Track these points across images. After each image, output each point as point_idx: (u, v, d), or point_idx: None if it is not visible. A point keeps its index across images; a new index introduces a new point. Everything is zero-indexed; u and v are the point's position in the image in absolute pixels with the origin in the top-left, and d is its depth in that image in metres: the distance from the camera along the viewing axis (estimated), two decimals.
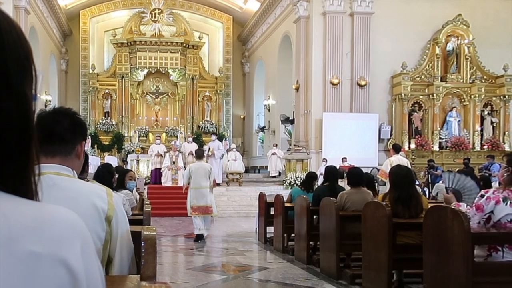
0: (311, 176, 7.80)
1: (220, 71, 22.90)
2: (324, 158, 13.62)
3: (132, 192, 5.62)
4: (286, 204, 7.45)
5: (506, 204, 3.14)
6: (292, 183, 14.06)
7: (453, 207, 3.46)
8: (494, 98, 15.99)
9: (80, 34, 22.89)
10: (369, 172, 13.81)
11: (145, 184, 15.58)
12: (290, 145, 17.52)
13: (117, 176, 5.07)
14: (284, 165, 16.39)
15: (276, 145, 18.66)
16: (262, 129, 22.08)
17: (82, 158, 1.74)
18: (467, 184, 3.89)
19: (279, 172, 17.32)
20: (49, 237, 0.60)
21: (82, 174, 3.07)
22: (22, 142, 0.63)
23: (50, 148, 1.64)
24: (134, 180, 5.87)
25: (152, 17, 21.69)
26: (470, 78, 15.85)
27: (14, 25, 0.64)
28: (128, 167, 17.03)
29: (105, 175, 4.49)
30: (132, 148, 20.01)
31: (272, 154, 17.81)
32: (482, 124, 16.05)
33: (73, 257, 0.61)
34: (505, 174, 3.21)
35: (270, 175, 17.66)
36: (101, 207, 1.62)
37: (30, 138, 0.64)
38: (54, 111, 1.72)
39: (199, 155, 9.08)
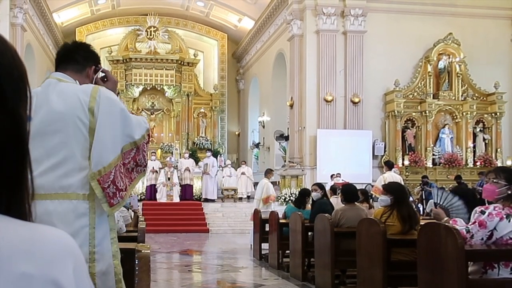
0: (304, 193, 7.86)
1: (215, 88, 23.08)
2: (338, 173, 13.48)
3: (128, 209, 5.66)
4: (281, 221, 7.49)
5: (509, 221, 3.16)
6: (287, 200, 14.13)
7: (446, 224, 3.47)
8: (485, 115, 16.19)
9: None
10: (364, 188, 13.97)
11: (139, 200, 15.59)
12: (285, 161, 17.60)
13: None
14: (252, 186, 15.61)
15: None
16: (257, 145, 22.18)
17: (92, 78, 2.21)
18: (455, 204, 3.91)
19: (248, 196, 16.28)
20: (41, 258, 0.59)
21: None
22: (16, 162, 0.63)
23: (64, 65, 2.14)
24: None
25: (147, 34, 21.91)
26: (461, 95, 16.07)
27: (9, 47, 0.64)
28: None
29: None
30: None
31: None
32: (474, 141, 16.21)
33: (65, 278, 0.60)
34: (509, 192, 3.22)
35: (238, 196, 16.47)
36: (83, 99, 1.98)
37: (24, 159, 0.64)
38: (73, 42, 2.31)
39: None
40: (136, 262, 2.68)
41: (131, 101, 21.90)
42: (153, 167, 16.36)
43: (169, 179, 15.81)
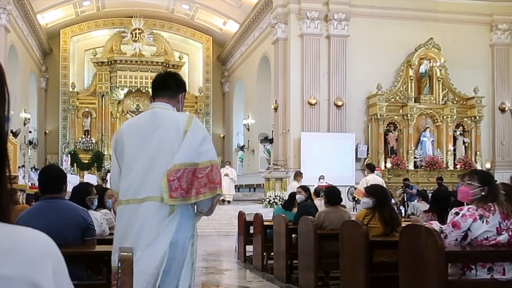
0: (294, 196, 7.78)
1: (200, 90, 23.16)
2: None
3: (111, 210, 5.62)
4: (265, 223, 7.51)
5: (483, 222, 3.22)
6: (271, 202, 14.27)
7: (427, 226, 3.53)
8: (465, 119, 16.52)
9: (60, 53, 22.93)
10: (346, 191, 14.17)
11: None
12: (269, 164, 17.75)
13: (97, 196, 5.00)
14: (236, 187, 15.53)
15: (229, 163, 18.12)
16: (242, 148, 22.31)
17: (182, 104, 2.75)
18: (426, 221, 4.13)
19: (228, 201, 15.99)
20: (21, 260, 0.58)
21: (61, 193, 3.26)
22: None
23: (161, 93, 2.67)
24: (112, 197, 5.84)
25: (132, 37, 21.92)
26: (442, 99, 16.39)
27: None
28: (108, 185, 17.03)
29: (77, 194, 4.29)
30: None
31: (225, 175, 15.60)
32: (454, 144, 16.52)
33: (45, 279, 0.59)
34: (482, 194, 3.30)
35: (221, 198, 16.37)
36: (181, 125, 2.52)
37: (3, 160, 0.64)
38: (166, 72, 2.94)
39: None
40: (119, 265, 2.75)
41: (116, 103, 21.88)
42: None
43: None
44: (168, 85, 2.68)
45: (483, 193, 3.30)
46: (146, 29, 22.05)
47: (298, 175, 11.15)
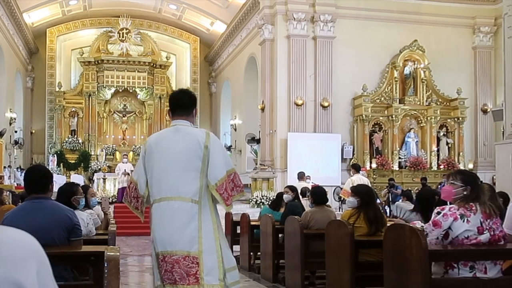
0: (281, 196, 7.84)
1: None
2: (307, 176, 13.69)
3: (92, 209, 5.53)
4: (252, 223, 7.53)
5: (463, 221, 3.25)
6: (258, 202, 14.35)
7: (411, 225, 3.58)
8: (449, 120, 16.76)
9: (47, 52, 22.78)
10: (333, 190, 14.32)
11: (111, 203, 15.58)
12: (256, 164, 17.85)
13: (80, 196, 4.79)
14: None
15: None
16: (229, 148, 22.37)
17: (195, 116, 3.26)
18: (413, 219, 4.22)
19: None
20: (4, 260, 0.59)
21: (47, 193, 3.22)
22: None
23: (179, 112, 3.15)
24: (95, 196, 5.84)
25: (119, 36, 21.86)
26: (426, 100, 16.61)
27: None
28: (95, 185, 17.01)
29: (63, 195, 4.27)
30: (99, 167, 19.95)
31: None
32: (438, 144, 16.74)
33: (28, 280, 0.60)
34: (464, 193, 3.33)
35: None
36: (201, 140, 3.03)
37: None
38: (180, 90, 3.37)
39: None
40: (105, 265, 2.74)
41: (103, 103, 21.82)
42: (125, 170, 16.35)
43: None
44: (185, 105, 3.18)
45: (465, 193, 3.34)
46: (133, 29, 22.02)
47: (303, 175, 11.27)
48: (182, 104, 3.18)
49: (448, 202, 3.55)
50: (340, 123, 16.27)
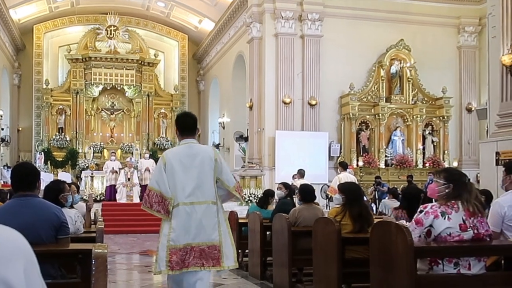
0: (268, 194, 7.91)
1: (175, 88, 23.15)
2: (295, 174, 13.77)
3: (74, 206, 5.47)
4: (240, 220, 7.55)
5: (445, 219, 3.28)
6: (246, 200, 14.41)
7: (397, 222, 3.63)
8: (434, 119, 16.97)
9: (34, 49, 22.62)
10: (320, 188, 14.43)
11: (99, 201, 15.57)
12: (244, 162, 17.91)
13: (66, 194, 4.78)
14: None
15: None
16: (217, 146, 22.39)
17: (198, 133, 4.00)
18: (399, 220, 4.37)
19: None
20: None
21: (34, 190, 3.19)
22: None
23: (188, 132, 3.87)
24: (78, 193, 5.82)
25: (107, 33, 21.76)
26: (412, 99, 16.80)
27: None
28: (82, 183, 16.97)
29: (50, 192, 4.25)
30: (87, 165, 19.88)
31: None
32: (424, 143, 16.94)
33: (15, 277, 0.60)
34: (446, 191, 3.36)
35: None
36: (212, 156, 3.81)
37: None
38: (186, 114, 4.08)
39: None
40: (93, 263, 2.77)
41: (91, 100, 21.72)
42: (113, 168, 16.35)
43: (129, 179, 15.82)
44: (191, 127, 3.92)
45: (447, 191, 3.38)
46: (121, 26, 21.93)
47: (300, 172, 11.32)
48: (189, 126, 3.92)
49: (433, 200, 3.60)
50: (328, 122, 16.39)
